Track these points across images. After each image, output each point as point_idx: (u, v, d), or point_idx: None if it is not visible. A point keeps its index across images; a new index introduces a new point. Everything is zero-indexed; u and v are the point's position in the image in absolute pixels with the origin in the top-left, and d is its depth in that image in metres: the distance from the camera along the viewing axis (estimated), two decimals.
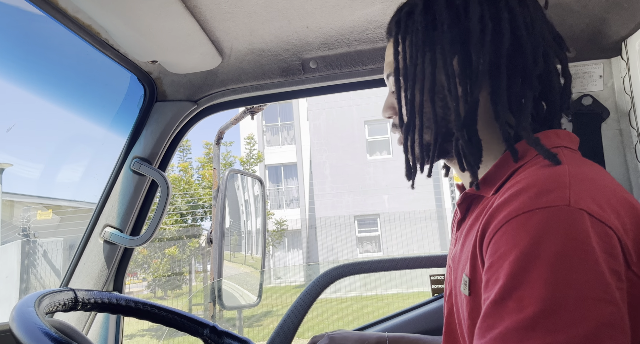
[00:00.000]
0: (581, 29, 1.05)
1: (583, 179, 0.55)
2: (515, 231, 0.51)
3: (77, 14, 0.92)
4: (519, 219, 0.52)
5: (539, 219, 0.50)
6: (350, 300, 9.44)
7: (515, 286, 0.48)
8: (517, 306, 0.47)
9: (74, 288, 0.78)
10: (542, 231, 0.49)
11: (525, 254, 0.49)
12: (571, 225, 0.49)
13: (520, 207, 0.52)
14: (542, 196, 0.52)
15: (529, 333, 0.45)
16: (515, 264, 0.49)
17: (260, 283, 1.84)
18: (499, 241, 0.53)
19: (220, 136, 2.05)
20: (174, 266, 10.83)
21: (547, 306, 0.46)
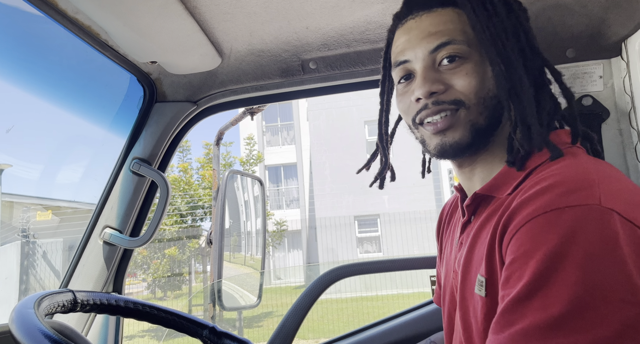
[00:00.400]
0: (581, 30, 1.05)
1: (609, 177, 0.54)
2: (543, 229, 0.50)
3: (77, 15, 0.92)
4: (546, 217, 0.50)
5: (569, 217, 0.49)
6: (351, 301, 9.44)
7: (541, 285, 0.47)
8: (543, 304, 0.46)
9: (73, 289, 0.78)
10: (573, 230, 0.48)
11: (553, 253, 0.48)
12: (602, 225, 0.48)
13: (548, 205, 0.51)
14: (572, 193, 0.51)
15: (554, 332, 0.45)
16: (542, 263, 0.48)
17: (260, 283, 1.84)
18: (523, 238, 0.52)
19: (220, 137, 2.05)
20: (174, 267, 10.83)
21: (573, 307, 0.45)
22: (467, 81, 0.65)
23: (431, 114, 0.68)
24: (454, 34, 0.67)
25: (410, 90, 0.70)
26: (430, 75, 0.67)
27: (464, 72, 0.66)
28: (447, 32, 0.67)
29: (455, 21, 0.67)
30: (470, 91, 0.65)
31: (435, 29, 0.67)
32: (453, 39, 0.66)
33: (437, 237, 0.95)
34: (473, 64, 0.66)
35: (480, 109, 0.65)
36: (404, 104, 0.72)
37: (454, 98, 0.66)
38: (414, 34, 0.69)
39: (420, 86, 0.68)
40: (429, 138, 0.70)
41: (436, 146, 0.69)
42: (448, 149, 0.67)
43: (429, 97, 0.67)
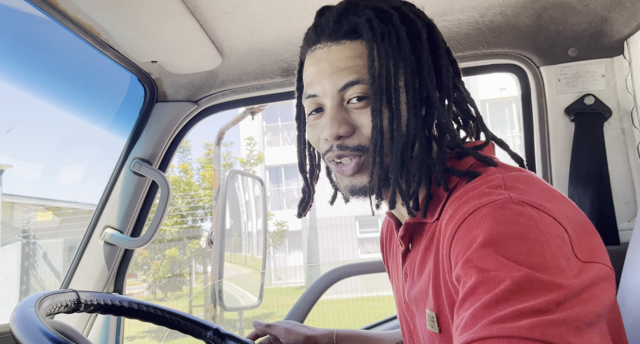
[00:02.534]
0: (583, 28, 1.05)
1: (516, 181, 0.56)
2: (466, 231, 0.51)
3: (77, 14, 0.92)
4: (467, 221, 0.52)
5: (484, 212, 0.51)
6: (351, 301, 9.43)
7: (481, 276, 0.46)
8: (487, 288, 0.45)
9: (76, 290, 0.78)
10: (491, 220, 0.50)
11: (481, 245, 0.48)
12: (517, 211, 0.50)
13: (465, 212, 0.53)
14: (482, 196, 0.53)
15: (500, 305, 0.43)
16: (474, 256, 0.48)
17: (261, 284, 1.83)
18: (456, 248, 0.52)
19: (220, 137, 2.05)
20: (175, 268, 10.82)
21: (516, 280, 0.44)
22: (374, 123, 0.63)
23: (335, 157, 0.66)
24: (361, 72, 0.63)
25: (320, 125, 0.68)
26: (338, 115, 0.65)
27: (370, 113, 0.63)
28: (355, 69, 0.64)
29: (363, 56, 0.64)
30: (376, 134, 0.63)
31: (344, 65, 0.64)
32: (361, 78, 0.63)
33: (383, 258, 0.95)
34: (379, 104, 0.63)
35: (386, 151, 0.63)
36: (314, 138, 0.70)
37: (357, 144, 0.64)
38: (322, 67, 0.66)
39: (327, 127, 0.65)
40: (339, 178, 0.69)
41: (346, 187, 0.68)
42: (358, 191, 0.67)
43: (336, 139, 0.65)
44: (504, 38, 1.09)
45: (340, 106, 0.65)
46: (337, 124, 0.64)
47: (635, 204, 1.06)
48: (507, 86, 14.14)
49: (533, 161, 1.16)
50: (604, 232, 1.05)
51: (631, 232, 1.01)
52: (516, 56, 1.12)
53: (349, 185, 0.67)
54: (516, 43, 1.10)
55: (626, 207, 1.06)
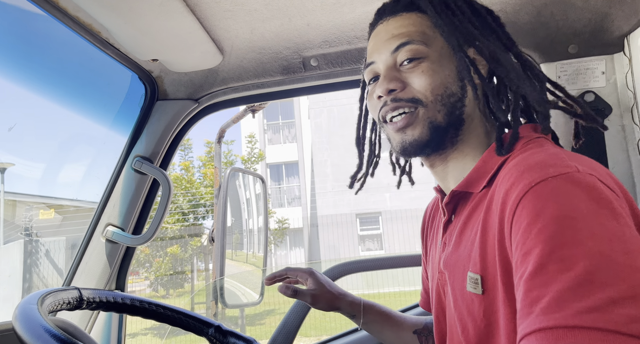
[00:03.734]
0: (583, 25, 1.05)
1: (577, 156, 0.56)
2: (535, 201, 0.49)
3: (78, 13, 0.92)
4: (533, 191, 0.50)
5: (554, 184, 0.49)
6: None
7: (553, 249, 0.44)
8: (562, 267, 0.43)
9: (78, 287, 0.78)
10: (563, 194, 0.48)
11: (554, 217, 0.46)
12: (589, 185, 0.48)
13: (531, 181, 0.51)
14: (550, 167, 0.52)
15: (586, 288, 0.41)
16: (545, 230, 0.46)
17: (262, 281, 1.84)
18: (520, 217, 0.50)
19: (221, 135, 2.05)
20: (176, 265, 10.85)
21: (596, 260, 0.42)
22: (423, 80, 0.68)
23: (390, 110, 0.71)
24: (413, 35, 0.70)
25: (375, 89, 0.74)
26: (390, 74, 0.71)
27: (420, 71, 0.69)
28: (407, 33, 0.71)
29: (416, 24, 0.71)
30: (427, 88, 0.68)
31: (398, 31, 0.71)
32: (413, 39, 0.70)
33: (422, 240, 0.95)
34: (430, 63, 0.69)
35: (438, 107, 0.68)
36: (371, 103, 0.76)
37: (411, 96, 0.69)
38: (380, 37, 0.74)
39: (380, 84, 0.72)
40: (392, 136, 0.73)
41: (398, 143, 0.72)
42: (408, 146, 0.70)
43: (388, 94, 0.71)
44: None
45: (392, 66, 0.72)
46: (388, 80, 0.70)
47: (636, 201, 1.06)
48: None
49: None
50: None
51: None
52: None
53: (400, 141, 0.71)
54: (516, 40, 1.09)
55: None
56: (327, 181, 14.37)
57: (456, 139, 0.71)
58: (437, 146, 0.71)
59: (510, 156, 0.64)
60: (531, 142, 0.64)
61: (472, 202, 0.67)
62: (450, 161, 0.73)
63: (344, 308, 0.94)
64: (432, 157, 0.74)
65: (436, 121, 0.68)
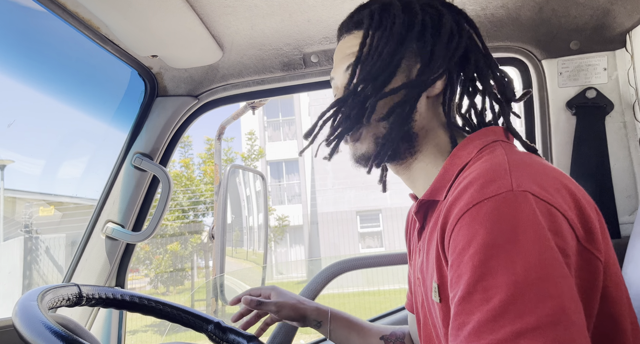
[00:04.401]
0: (585, 21, 1.04)
1: (521, 164, 0.58)
2: (469, 225, 0.53)
3: (77, 8, 0.92)
4: (470, 213, 0.53)
5: (487, 209, 0.52)
6: (353, 296, 9.46)
7: (478, 279, 0.49)
8: (484, 297, 0.48)
9: (78, 283, 0.78)
10: (493, 220, 0.51)
11: (482, 245, 0.50)
12: (518, 208, 0.51)
13: (470, 201, 0.54)
14: (487, 186, 0.54)
15: (499, 322, 0.45)
16: (475, 257, 0.50)
17: (262, 278, 1.84)
18: (457, 237, 0.54)
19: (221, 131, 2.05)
20: (176, 262, 10.86)
21: (511, 291, 0.46)
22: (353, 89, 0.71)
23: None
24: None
25: None
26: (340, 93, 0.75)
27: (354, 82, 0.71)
28: (356, 54, 0.73)
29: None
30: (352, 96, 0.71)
31: (350, 50, 0.74)
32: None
33: (407, 243, 0.97)
34: None
35: (382, 124, 0.71)
36: None
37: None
38: (337, 55, 0.78)
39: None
40: (349, 148, 0.77)
41: (351, 155, 0.76)
42: (359, 159, 0.74)
43: None
44: (506, 31, 1.09)
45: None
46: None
47: (637, 197, 1.06)
48: None
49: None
50: None
51: (632, 226, 1.01)
52: (518, 50, 1.12)
53: (353, 153, 0.75)
54: (518, 36, 1.09)
55: (627, 201, 1.06)
56: (327, 179, 14.36)
57: (413, 150, 0.74)
58: (390, 158, 0.74)
59: (469, 162, 0.66)
60: (486, 148, 0.66)
61: (438, 210, 0.70)
62: (414, 169, 0.76)
63: (310, 314, 0.96)
64: (393, 167, 0.77)
65: (381, 136, 0.71)
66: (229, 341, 0.85)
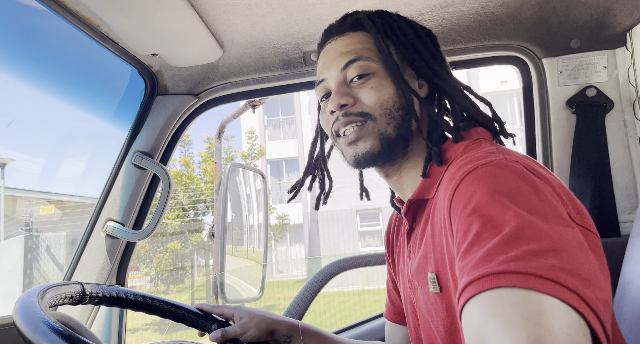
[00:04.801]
0: (585, 20, 1.04)
1: (510, 151, 0.61)
2: (467, 186, 0.54)
3: (77, 7, 0.92)
4: (466, 179, 0.55)
5: (484, 170, 0.54)
6: (352, 294, 9.47)
7: (485, 221, 0.49)
8: (493, 232, 0.47)
9: (81, 282, 0.78)
10: (492, 175, 0.53)
11: (485, 194, 0.51)
12: (514, 168, 0.53)
13: (464, 172, 0.56)
14: (481, 159, 0.57)
15: (512, 244, 0.45)
16: (480, 206, 0.51)
17: (263, 276, 1.84)
18: (457, 202, 0.55)
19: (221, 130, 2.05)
20: (177, 261, 10.87)
21: (522, 221, 0.47)
22: (373, 94, 0.72)
23: (342, 125, 0.74)
24: (361, 52, 0.74)
25: (327, 105, 0.77)
26: (340, 89, 0.75)
27: (370, 86, 0.73)
28: (355, 51, 0.75)
29: (363, 41, 0.76)
30: (375, 103, 0.72)
31: (346, 49, 0.75)
32: (361, 56, 0.74)
33: (387, 252, 0.96)
34: (378, 79, 0.73)
35: (387, 120, 0.72)
36: (323, 118, 0.79)
37: (360, 110, 0.73)
38: (329, 55, 0.78)
39: (332, 99, 0.75)
40: (345, 149, 0.77)
41: (351, 156, 0.75)
42: (361, 158, 0.73)
43: (340, 109, 0.74)
44: (506, 30, 1.09)
45: (343, 82, 0.75)
46: (340, 95, 0.74)
47: (637, 196, 1.06)
48: (508, 78, 14.06)
49: (534, 153, 1.16)
50: (604, 224, 1.05)
51: (632, 225, 1.01)
52: (518, 48, 1.11)
53: (353, 153, 0.74)
54: (518, 35, 1.09)
55: (627, 200, 1.06)
56: None
57: (406, 150, 0.74)
58: (389, 157, 0.74)
59: (455, 159, 0.67)
60: (471, 144, 0.68)
61: (428, 208, 0.70)
62: (404, 170, 0.76)
63: (280, 330, 0.91)
64: (385, 168, 0.77)
65: (386, 133, 0.72)
66: (232, 341, 0.85)
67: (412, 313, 0.78)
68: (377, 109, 0.72)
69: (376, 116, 0.72)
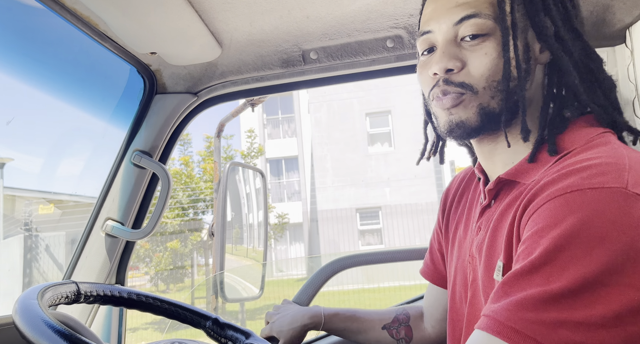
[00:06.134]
0: (585, 17, 1.04)
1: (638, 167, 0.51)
2: (561, 209, 0.48)
3: (75, 5, 0.91)
4: (566, 197, 0.48)
5: (590, 198, 0.47)
6: (352, 293, 9.48)
7: (547, 261, 0.46)
8: (545, 280, 0.45)
9: (76, 281, 0.78)
10: (592, 211, 0.46)
11: (567, 231, 0.46)
12: (623, 209, 0.46)
13: (570, 186, 0.49)
14: (599, 176, 0.49)
15: (549, 306, 0.44)
16: (553, 241, 0.47)
17: (262, 275, 1.84)
18: (539, 217, 0.50)
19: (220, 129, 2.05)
20: (176, 260, 10.87)
21: (574, 285, 0.44)
22: (484, 63, 0.62)
23: (440, 92, 0.66)
24: (481, 6, 0.63)
25: (430, 63, 0.67)
26: (449, 50, 0.64)
27: (484, 52, 0.63)
28: (474, 4, 0.63)
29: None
30: (483, 74, 0.62)
31: (463, 0, 0.64)
32: (479, 12, 0.63)
33: (442, 212, 0.90)
34: (495, 44, 0.63)
35: (492, 93, 0.63)
36: (423, 77, 0.70)
37: (462, 81, 0.64)
38: (441, 3, 0.66)
39: (437, 60, 0.65)
40: (439, 114, 0.68)
41: (445, 123, 0.66)
42: (455, 127, 0.65)
43: (445, 73, 0.65)
44: None
45: (453, 41, 0.65)
46: (448, 58, 0.64)
47: None
48: None
49: None
50: None
51: None
52: None
53: (447, 120, 0.66)
54: None
55: None
56: (327, 176, 14.36)
57: (510, 122, 0.65)
58: (488, 131, 0.66)
59: (574, 150, 0.59)
60: (596, 137, 0.59)
61: (516, 191, 0.64)
62: (500, 143, 0.67)
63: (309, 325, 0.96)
64: (481, 137, 0.69)
65: (489, 106, 0.63)
66: (226, 337, 0.85)
67: (463, 284, 0.74)
68: (482, 81, 0.62)
69: (479, 88, 0.63)
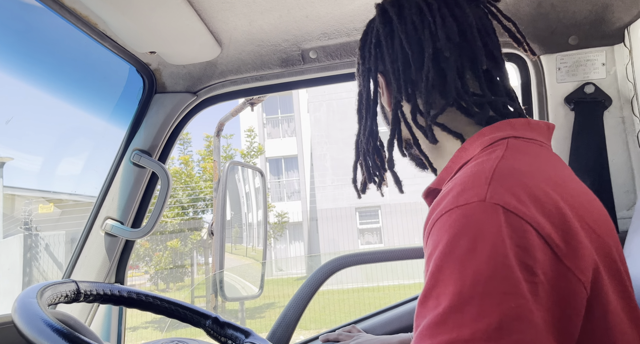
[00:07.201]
0: (584, 16, 1.04)
1: (509, 173, 0.55)
2: (438, 231, 0.53)
3: (74, 4, 0.91)
4: (441, 219, 0.53)
5: (455, 217, 0.52)
6: (352, 291, 9.49)
7: (434, 285, 0.50)
8: (435, 303, 0.49)
9: (76, 280, 0.78)
10: (457, 229, 0.51)
11: (442, 252, 0.50)
12: (483, 220, 0.50)
13: (444, 207, 0.54)
14: (462, 194, 0.54)
15: (440, 329, 0.47)
16: (434, 263, 0.51)
17: (262, 274, 1.84)
18: (429, 242, 0.55)
19: (220, 128, 2.05)
20: (176, 259, 10.87)
21: (455, 302, 0.47)
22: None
23: None
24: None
25: None
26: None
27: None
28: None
29: None
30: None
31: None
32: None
33: None
34: None
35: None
36: None
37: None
38: None
39: None
40: None
41: None
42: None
43: None
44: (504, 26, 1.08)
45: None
46: None
47: (635, 192, 1.06)
48: None
49: None
50: None
51: (630, 221, 1.01)
52: None
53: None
54: None
55: (625, 196, 1.07)
56: (327, 175, 14.36)
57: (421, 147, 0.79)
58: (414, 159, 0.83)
59: (471, 159, 0.64)
60: (490, 147, 0.63)
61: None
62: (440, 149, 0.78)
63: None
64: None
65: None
66: (226, 336, 0.85)
67: None
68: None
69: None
